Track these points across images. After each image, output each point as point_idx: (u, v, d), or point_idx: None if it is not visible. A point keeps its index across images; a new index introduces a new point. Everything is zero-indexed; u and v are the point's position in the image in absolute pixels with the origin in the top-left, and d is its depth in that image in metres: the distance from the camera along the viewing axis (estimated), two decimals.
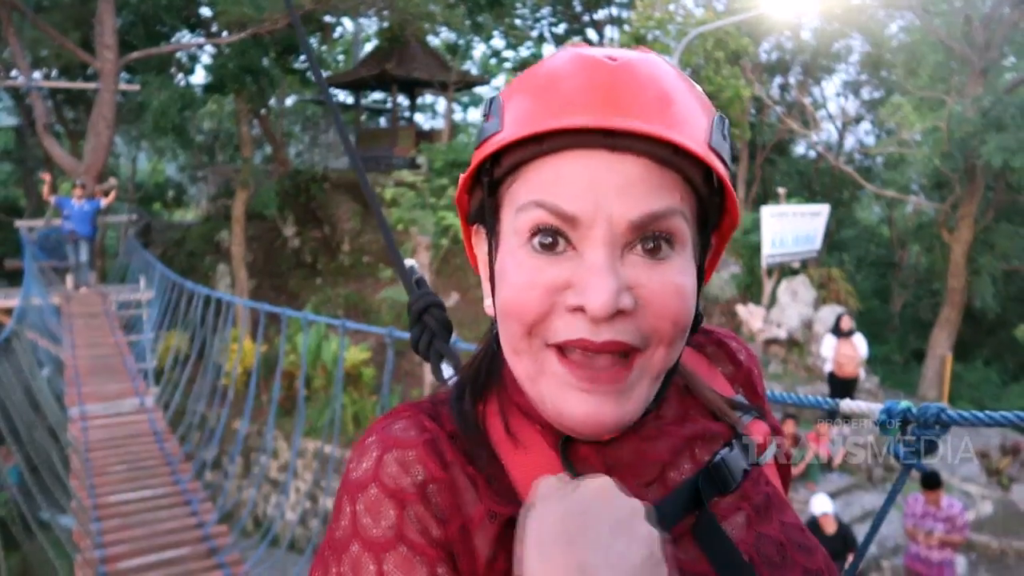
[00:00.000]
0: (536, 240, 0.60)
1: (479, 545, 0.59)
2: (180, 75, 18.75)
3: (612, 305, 0.56)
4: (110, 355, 8.79)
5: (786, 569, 0.66)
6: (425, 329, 0.80)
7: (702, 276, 0.67)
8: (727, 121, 0.64)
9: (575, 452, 0.65)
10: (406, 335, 3.06)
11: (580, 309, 0.58)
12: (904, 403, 1.60)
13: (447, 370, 0.80)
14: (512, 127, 0.61)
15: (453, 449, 0.63)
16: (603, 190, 0.58)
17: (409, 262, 0.85)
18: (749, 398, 0.79)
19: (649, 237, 0.59)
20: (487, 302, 0.68)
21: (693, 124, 0.60)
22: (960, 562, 7.51)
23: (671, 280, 0.60)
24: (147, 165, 29.97)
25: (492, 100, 0.65)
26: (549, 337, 0.60)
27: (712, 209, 0.64)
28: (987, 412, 1.49)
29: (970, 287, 15.70)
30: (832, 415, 9.47)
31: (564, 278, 0.59)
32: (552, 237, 0.59)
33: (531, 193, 0.60)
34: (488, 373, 0.70)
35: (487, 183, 0.64)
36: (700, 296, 0.66)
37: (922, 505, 6.14)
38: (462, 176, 0.67)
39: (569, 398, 0.60)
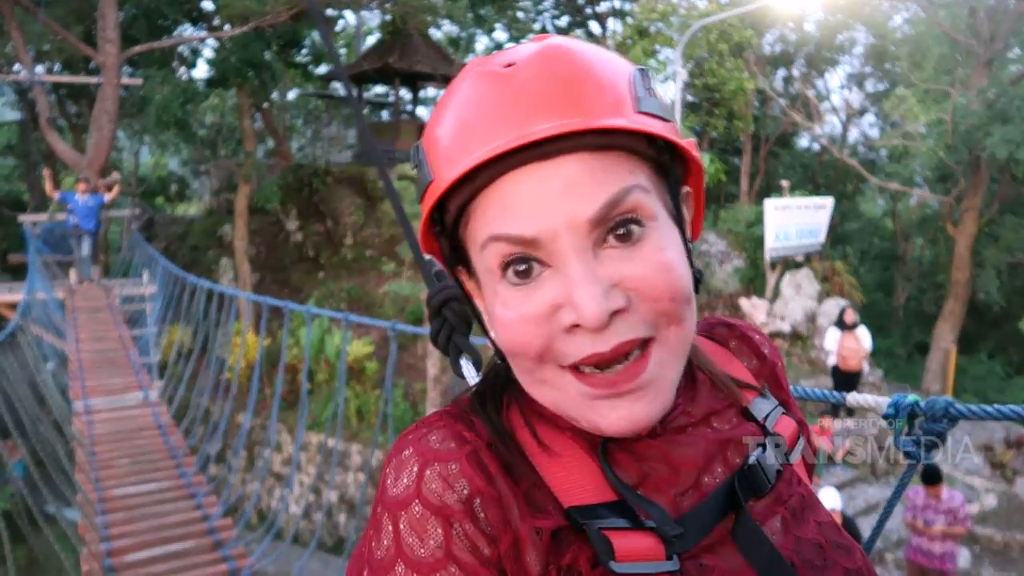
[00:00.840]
0: (509, 273, 0.59)
1: (530, 562, 0.57)
2: (182, 69, 18.74)
3: (604, 311, 0.55)
4: (114, 349, 8.80)
5: (827, 571, 0.65)
6: (444, 323, 0.77)
7: (687, 235, 0.65)
8: (647, 71, 0.62)
9: (611, 457, 0.63)
10: (409, 329, 3.05)
11: (577, 326, 0.57)
12: (912, 397, 1.60)
13: (466, 365, 0.79)
14: (441, 173, 0.60)
15: (494, 460, 0.60)
16: (550, 201, 0.56)
17: (427, 256, 0.83)
18: (774, 392, 0.78)
19: (615, 225, 0.57)
20: (492, 334, 0.66)
21: (610, 97, 0.58)
22: (964, 555, 7.51)
23: (653, 259, 0.58)
24: (150, 159, 29.96)
25: (416, 150, 0.64)
26: (560, 361, 0.59)
27: (670, 165, 0.63)
28: (995, 406, 1.48)
29: (974, 280, 15.67)
30: (835, 409, 9.47)
31: (550, 301, 0.57)
32: (524, 264, 0.58)
33: (486, 229, 0.58)
34: (506, 382, 0.67)
35: (446, 232, 0.64)
36: (692, 255, 0.65)
37: (923, 498, 6.14)
38: (419, 230, 0.66)
39: (599, 409, 0.59)
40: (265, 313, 4.71)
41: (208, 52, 18.06)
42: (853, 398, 1.79)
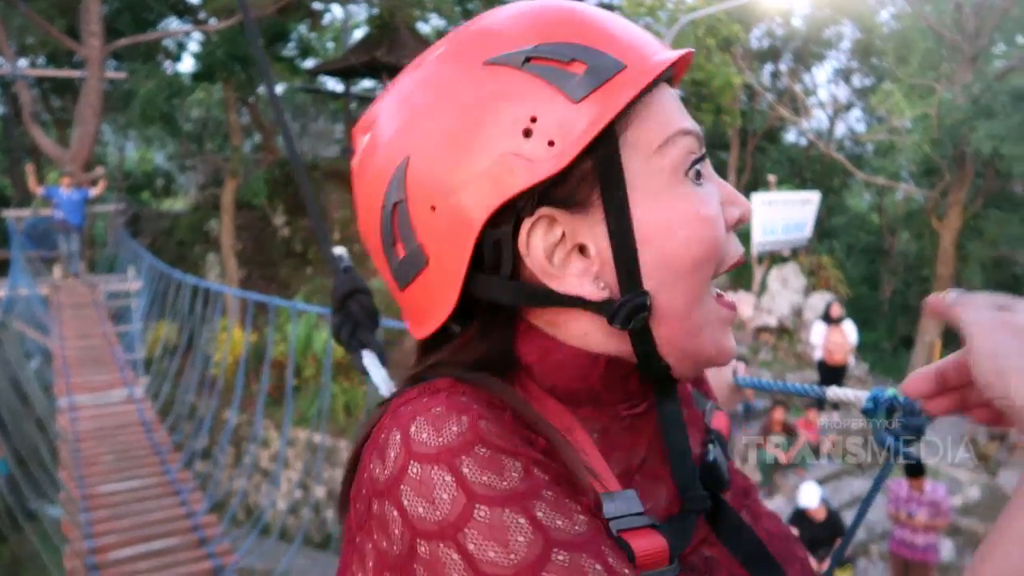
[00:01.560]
0: (692, 173, 0.57)
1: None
2: (168, 63, 18.59)
3: None
4: (99, 345, 8.74)
5: (790, 561, 0.66)
6: (348, 317, 0.72)
7: None
8: None
9: (615, 439, 0.59)
10: (395, 324, 3.03)
11: (739, 221, 0.60)
12: (891, 391, 1.60)
13: (369, 358, 0.75)
14: (638, 59, 0.55)
15: (531, 432, 0.53)
16: (684, 112, 0.59)
17: (338, 250, 0.80)
18: (698, 387, 0.77)
19: None
20: (589, 287, 0.56)
21: None
22: (947, 546, 7.58)
23: None
24: (135, 154, 29.75)
25: (546, 44, 0.54)
26: (723, 266, 0.59)
27: None
28: None
29: (959, 274, 15.79)
30: (820, 402, 9.53)
31: (720, 200, 0.59)
32: (700, 165, 0.58)
33: (669, 126, 0.56)
34: (502, 356, 0.59)
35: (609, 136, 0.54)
36: None
37: (906, 490, 6.19)
38: (588, 133, 0.53)
39: (727, 335, 0.61)
40: (250, 309, 4.68)
41: (194, 46, 17.93)
42: (833, 393, 1.80)
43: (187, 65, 19.51)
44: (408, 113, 0.57)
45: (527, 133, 0.52)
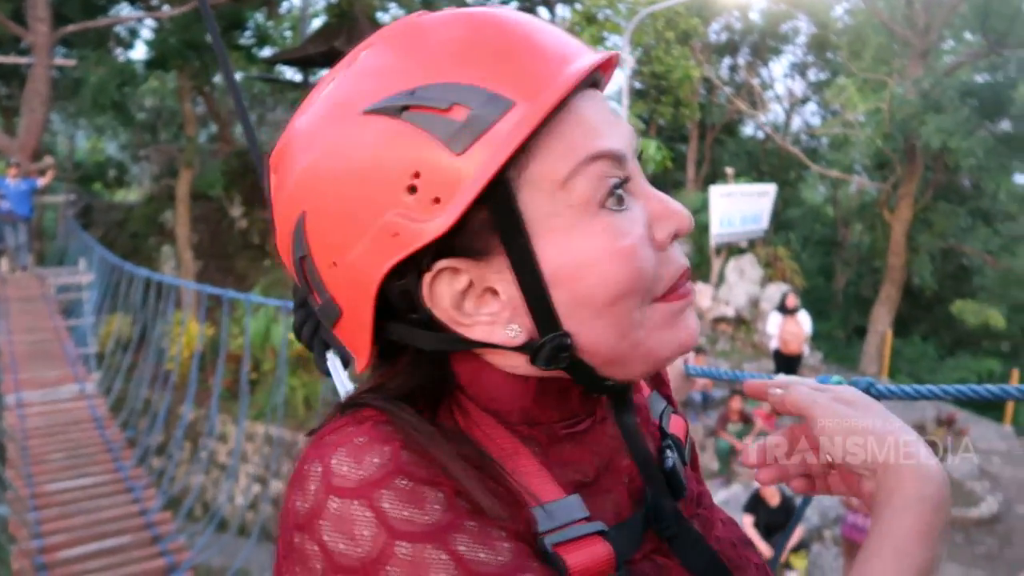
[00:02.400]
0: (612, 200, 0.53)
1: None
2: (119, 50, 18.11)
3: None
4: (48, 340, 8.52)
5: (744, 568, 0.65)
6: (309, 316, 0.68)
7: None
8: None
9: (564, 455, 0.58)
10: None
11: (675, 236, 0.57)
12: (835, 378, 1.64)
13: (333, 360, 0.73)
14: (531, 96, 0.49)
15: (470, 448, 0.54)
16: (613, 121, 0.55)
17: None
18: (658, 387, 0.76)
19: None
20: (506, 332, 0.54)
21: None
22: None
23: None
24: (86, 144, 28.99)
25: (450, 89, 0.50)
26: (656, 289, 0.55)
27: None
28: (913, 386, 1.54)
29: (909, 265, 16.20)
30: None
31: (644, 220, 0.55)
32: (621, 190, 0.53)
33: (578, 151, 0.51)
34: (438, 381, 0.58)
35: (499, 184, 0.50)
36: None
37: None
38: (431, 209, 0.49)
39: (684, 321, 0.57)
40: (204, 302, 4.60)
41: (147, 33, 17.50)
42: (780, 380, 1.84)
43: (140, 53, 19.06)
44: (302, 163, 0.54)
45: (412, 189, 0.49)
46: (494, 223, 0.51)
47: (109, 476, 5.15)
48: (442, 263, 0.52)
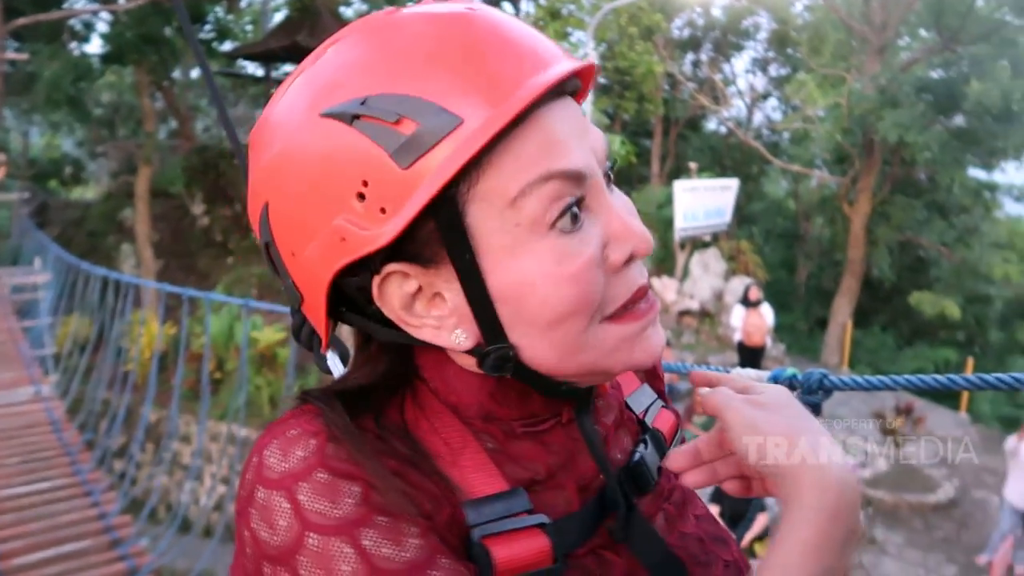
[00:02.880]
0: (564, 221, 0.51)
1: (451, 540, 0.53)
2: (74, 44, 17.68)
3: (650, 237, 0.56)
4: (2, 341, 8.30)
5: (710, 565, 0.65)
6: (306, 318, 0.71)
7: None
8: None
9: (516, 451, 0.59)
10: None
11: (628, 261, 0.55)
12: (790, 370, 1.68)
13: (332, 359, 0.74)
14: (480, 114, 0.49)
15: (402, 449, 0.55)
16: (580, 135, 0.54)
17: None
18: (651, 382, 0.77)
19: (607, 171, 0.57)
20: (452, 337, 0.55)
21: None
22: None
23: (628, 200, 0.58)
24: (40, 140, 28.28)
25: (375, 98, 0.49)
26: (607, 309, 0.54)
27: None
28: (865, 377, 1.58)
29: (868, 257, 16.52)
30: None
31: (599, 242, 0.53)
32: (576, 208, 0.52)
33: (528, 172, 0.50)
34: (401, 376, 0.60)
35: (447, 199, 0.50)
36: None
37: None
38: (378, 218, 0.50)
39: (645, 341, 0.57)
40: (163, 300, 4.51)
41: (102, 26, 17.09)
42: (736, 374, 1.87)
43: (95, 47, 18.59)
44: (266, 154, 0.55)
45: (360, 197, 0.50)
46: (441, 236, 0.51)
47: (67, 480, 5.04)
48: (391, 267, 0.53)
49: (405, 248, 0.52)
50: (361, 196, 0.50)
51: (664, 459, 0.65)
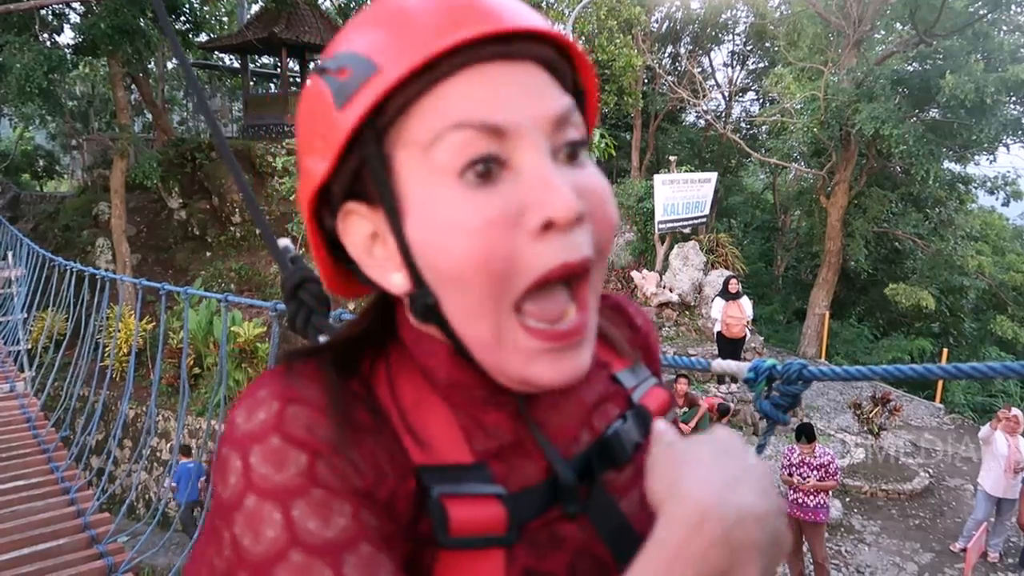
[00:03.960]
0: (471, 172, 0.52)
1: (400, 507, 0.54)
2: (46, 35, 17.37)
3: (578, 205, 0.52)
4: None
5: None
6: (302, 305, 0.71)
7: None
8: None
9: (486, 419, 0.60)
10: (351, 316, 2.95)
11: (548, 225, 0.52)
12: (770, 361, 1.69)
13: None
14: (393, 61, 0.53)
15: (362, 411, 0.56)
16: (516, 96, 0.54)
17: (283, 242, 0.78)
18: (647, 363, 0.77)
19: (565, 144, 0.56)
20: (393, 280, 0.57)
21: (543, 21, 0.58)
22: (836, 505, 8.06)
23: (599, 183, 0.57)
24: (12, 133, 27.79)
25: (335, 55, 0.57)
26: (520, 282, 0.52)
27: (582, 112, 0.61)
28: (844, 367, 1.60)
29: (845, 249, 16.68)
30: (721, 375, 9.92)
31: (517, 203, 0.52)
32: (485, 165, 0.52)
33: (444, 118, 0.52)
34: (371, 335, 0.63)
35: (360, 143, 0.55)
36: None
37: (798, 455, 6.51)
38: (335, 142, 0.55)
39: (537, 365, 0.55)
40: (140, 295, 4.46)
41: (75, 17, 16.80)
42: (717, 365, 1.88)
43: (68, 38, 18.23)
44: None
45: (322, 137, 0.56)
46: (368, 170, 0.56)
47: (43, 478, 4.96)
48: (348, 205, 0.58)
49: (357, 188, 0.57)
50: (323, 136, 0.56)
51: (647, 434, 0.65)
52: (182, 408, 4.02)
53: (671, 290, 12.81)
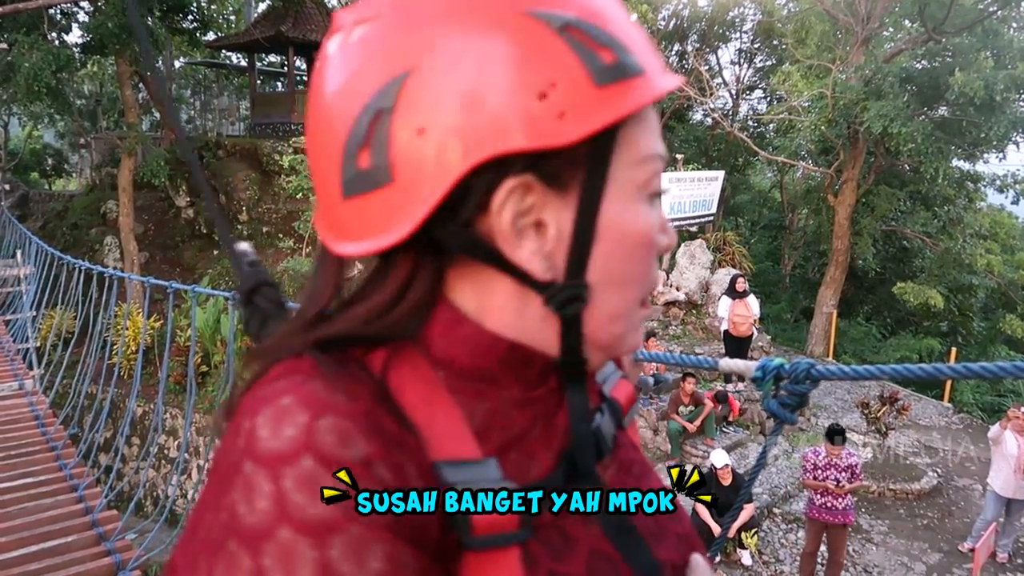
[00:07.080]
0: (656, 196, 0.60)
1: (429, 525, 0.52)
2: (54, 34, 17.45)
3: None
4: None
5: (664, 538, 0.66)
6: (256, 310, 0.70)
7: None
8: None
9: (490, 412, 0.58)
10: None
11: (666, 248, 0.63)
12: (777, 360, 1.67)
13: None
14: (657, 75, 0.57)
15: (389, 418, 0.52)
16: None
17: (242, 246, 0.77)
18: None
19: None
20: (539, 266, 0.55)
21: None
22: None
23: None
24: (21, 131, 27.92)
25: (607, 35, 0.54)
26: (649, 291, 0.62)
27: None
28: (852, 367, 1.58)
29: (853, 248, 16.60)
30: (728, 374, 9.90)
31: (660, 225, 0.61)
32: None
33: (653, 144, 0.59)
34: (414, 314, 0.57)
35: (612, 133, 0.55)
36: None
37: (824, 456, 6.48)
38: (592, 126, 0.52)
39: (640, 331, 0.64)
40: (147, 293, 4.47)
41: (83, 16, 16.88)
42: (725, 363, 1.87)
43: (76, 36, 18.35)
44: (425, 24, 0.53)
45: (542, 96, 0.51)
46: (589, 160, 0.55)
47: (51, 475, 4.99)
48: (528, 177, 0.53)
49: (544, 165, 0.53)
50: (543, 96, 0.51)
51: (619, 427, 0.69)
52: (189, 406, 4.03)
53: (678, 288, 12.79)
